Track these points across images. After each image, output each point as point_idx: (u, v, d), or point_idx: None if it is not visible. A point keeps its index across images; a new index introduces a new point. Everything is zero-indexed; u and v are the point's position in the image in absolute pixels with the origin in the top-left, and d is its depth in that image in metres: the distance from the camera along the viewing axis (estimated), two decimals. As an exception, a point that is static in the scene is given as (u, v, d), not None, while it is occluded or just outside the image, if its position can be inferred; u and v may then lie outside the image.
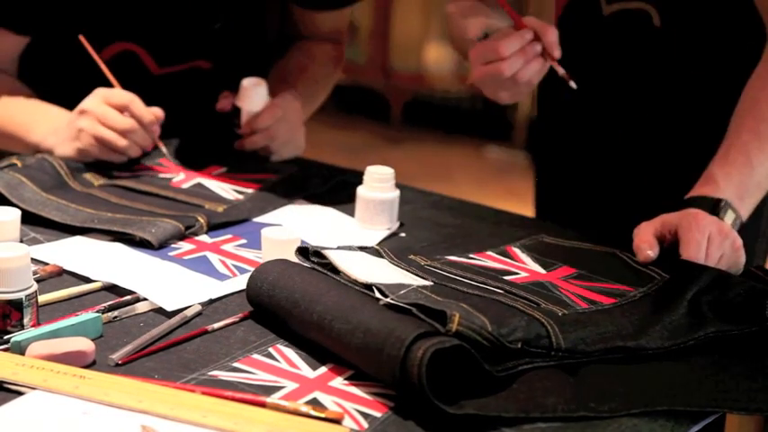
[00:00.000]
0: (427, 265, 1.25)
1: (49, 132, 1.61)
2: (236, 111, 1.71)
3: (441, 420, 0.99)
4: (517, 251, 1.34)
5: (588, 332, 1.11)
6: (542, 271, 1.29)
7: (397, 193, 1.49)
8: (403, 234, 1.47)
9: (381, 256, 1.27)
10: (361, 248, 1.29)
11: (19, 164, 1.52)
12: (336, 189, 1.63)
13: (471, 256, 1.32)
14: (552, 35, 1.45)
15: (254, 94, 1.70)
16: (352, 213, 1.52)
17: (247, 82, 1.70)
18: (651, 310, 1.17)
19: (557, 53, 1.45)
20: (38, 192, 1.47)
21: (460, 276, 1.23)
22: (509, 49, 1.43)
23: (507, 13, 1.46)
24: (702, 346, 1.14)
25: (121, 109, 1.58)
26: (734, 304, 1.19)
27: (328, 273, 1.19)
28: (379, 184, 1.48)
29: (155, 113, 1.61)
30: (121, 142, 1.58)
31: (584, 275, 1.27)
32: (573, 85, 1.47)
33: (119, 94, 1.59)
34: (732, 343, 1.15)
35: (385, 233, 1.47)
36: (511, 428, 1.00)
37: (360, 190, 1.49)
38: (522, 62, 1.44)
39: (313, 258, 1.22)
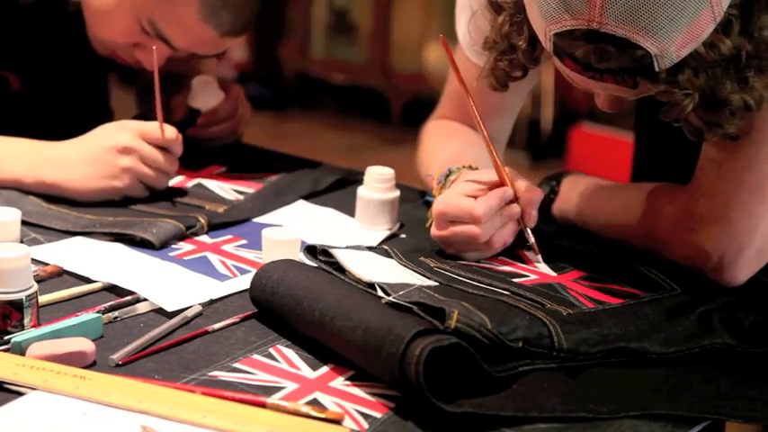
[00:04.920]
0: (437, 267, 1.26)
1: (42, 163, 1.49)
2: (193, 111, 1.71)
3: (441, 421, 0.99)
4: (530, 255, 1.33)
5: (591, 333, 1.11)
6: (553, 274, 1.29)
7: (397, 193, 1.49)
8: (403, 235, 1.47)
9: (390, 257, 1.27)
10: (370, 248, 1.29)
11: None
12: (336, 189, 1.63)
13: (483, 259, 1.32)
14: (535, 203, 1.32)
15: (209, 91, 1.71)
16: (352, 213, 1.52)
17: (198, 81, 1.71)
18: (659, 315, 1.17)
19: (532, 223, 1.32)
20: (38, 203, 1.46)
21: (468, 278, 1.23)
22: (486, 213, 1.28)
23: (494, 166, 1.32)
24: (705, 353, 1.14)
25: (161, 146, 1.51)
26: (744, 326, 1.18)
27: (333, 272, 1.19)
28: (379, 185, 1.48)
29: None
30: (164, 183, 1.53)
31: (595, 278, 1.27)
32: (539, 258, 1.32)
33: (160, 132, 1.50)
34: (734, 351, 1.15)
35: (385, 233, 1.47)
36: (511, 429, 1.00)
37: (360, 190, 1.49)
38: (498, 225, 1.30)
39: (320, 257, 1.23)
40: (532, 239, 1.32)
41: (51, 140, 1.53)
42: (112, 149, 1.48)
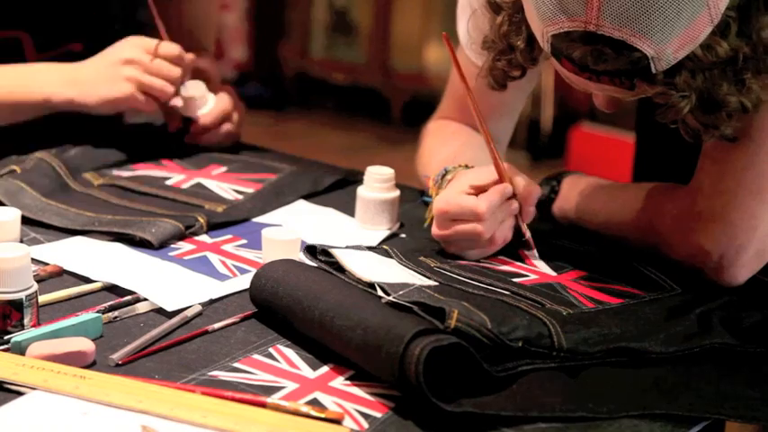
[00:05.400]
0: (437, 267, 1.26)
1: (65, 83, 1.63)
2: (185, 120, 1.73)
3: (441, 421, 0.99)
4: (530, 254, 1.33)
5: (591, 333, 1.11)
6: (553, 273, 1.29)
7: (397, 193, 1.49)
8: (403, 235, 1.47)
9: (390, 257, 1.27)
10: (370, 248, 1.29)
11: (18, 170, 1.51)
12: (336, 189, 1.63)
13: (483, 259, 1.32)
14: (533, 199, 1.32)
15: (199, 97, 1.72)
16: (352, 213, 1.52)
17: (187, 87, 1.71)
18: (659, 314, 1.17)
19: (528, 219, 1.33)
20: (38, 197, 1.47)
21: (468, 278, 1.23)
22: (489, 209, 1.28)
23: (493, 163, 1.32)
24: (705, 353, 1.14)
25: (167, 59, 1.65)
26: (744, 326, 1.18)
27: (333, 272, 1.19)
28: (379, 185, 1.48)
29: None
30: (169, 93, 1.66)
31: (595, 278, 1.27)
32: (535, 253, 1.33)
33: (164, 46, 1.65)
34: (734, 351, 1.15)
35: (385, 233, 1.47)
36: (511, 429, 1.00)
37: (360, 190, 1.49)
38: (499, 221, 1.30)
39: (320, 257, 1.23)
40: (528, 234, 1.32)
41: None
42: (118, 62, 1.64)
